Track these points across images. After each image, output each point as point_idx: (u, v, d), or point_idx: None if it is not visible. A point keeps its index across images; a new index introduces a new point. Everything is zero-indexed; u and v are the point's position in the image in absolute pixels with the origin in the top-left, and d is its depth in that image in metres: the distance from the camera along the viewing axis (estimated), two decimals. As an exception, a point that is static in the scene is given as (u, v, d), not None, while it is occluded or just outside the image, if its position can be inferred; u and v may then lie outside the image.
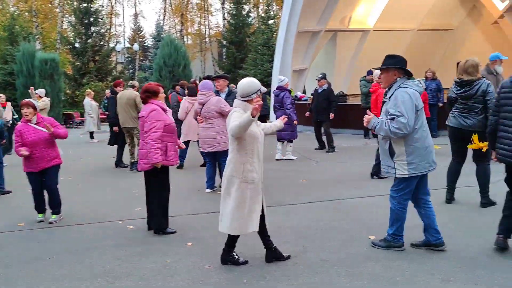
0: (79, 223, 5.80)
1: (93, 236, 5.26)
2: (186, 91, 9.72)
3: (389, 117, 4.09)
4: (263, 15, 32.19)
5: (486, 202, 5.69)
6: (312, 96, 15.84)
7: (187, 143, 9.18)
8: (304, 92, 19.02)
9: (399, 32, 19.38)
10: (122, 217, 5.97)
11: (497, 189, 5.56)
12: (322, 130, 11.55)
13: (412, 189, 4.29)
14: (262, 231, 4.23)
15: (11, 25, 27.06)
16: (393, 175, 4.27)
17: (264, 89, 4.16)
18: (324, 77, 11.20)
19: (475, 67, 5.56)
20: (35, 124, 5.69)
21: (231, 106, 4.98)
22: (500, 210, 4.45)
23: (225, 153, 6.92)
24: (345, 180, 7.59)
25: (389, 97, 4.20)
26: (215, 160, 7.13)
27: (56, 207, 5.89)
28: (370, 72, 12.55)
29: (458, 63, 13.45)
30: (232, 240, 4.23)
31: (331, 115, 10.83)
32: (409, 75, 4.26)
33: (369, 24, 18.94)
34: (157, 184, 5.26)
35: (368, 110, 4.42)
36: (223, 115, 6.75)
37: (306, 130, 14.72)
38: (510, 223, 4.30)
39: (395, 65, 4.21)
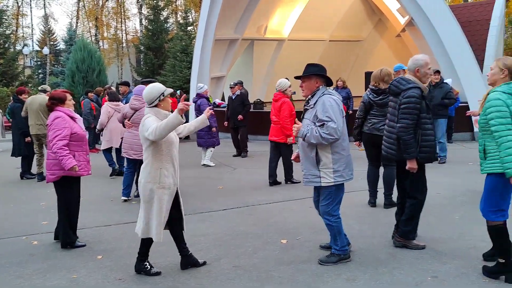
0: (-24, 241, 5.36)
1: (-8, 254, 4.89)
2: (107, 96, 9.43)
3: (318, 123, 4.08)
4: (181, 21, 31.94)
5: (389, 203, 6.09)
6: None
7: (110, 149, 8.86)
8: (222, 99, 19.13)
9: (312, 42, 20.17)
10: (26, 232, 5.59)
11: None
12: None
13: (342, 197, 4.30)
14: (178, 237, 4.22)
15: None
16: (318, 184, 4.20)
17: (170, 90, 4.12)
18: (238, 83, 11.45)
19: (390, 76, 5.96)
20: None
21: None
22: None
23: None
24: (260, 186, 7.74)
25: (314, 104, 4.17)
26: (135, 168, 6.96)
27: None
28: (286, 81, 12.95)
29: (366, 73, 14.38)
30: (144, 248, 4.16)
31: (240, 117, 11.03)
32: (329, 84, 4.31)
33: (284, 34, 19.52)
34: (65, 195, 5.02)
35: (296, 120, 4.36)
36: None
37: (225, 136, 14.81)
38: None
39: (318, 73, 4.23)
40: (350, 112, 12.07)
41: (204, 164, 9.97)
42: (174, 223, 4.19)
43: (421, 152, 4.37)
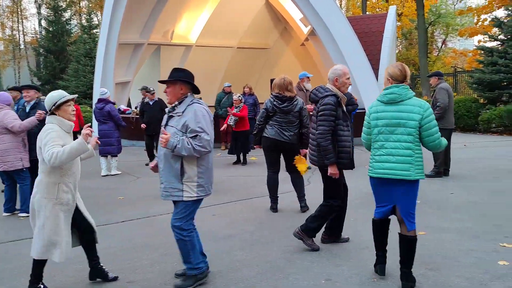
0: None
1: None
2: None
3: (189, 134, 3.78)
4: (85, 23, 30.46)
5: (305, 205, 6.22)
6: (135, 110, 15.50)
7: None
8: (129, 105, 18.47)
9: (220, 49, 20.23)
10: None
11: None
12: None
13: (196, 210, 4.00)
14: (89, 247, 3.99)
15: None
16: (180, 198, 3.86)
17: (66, 98, 3.80)
18: (143, 89, 11.19)
19: (292, 85, 6.09)
20: None
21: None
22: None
23: (18, 173, 6.28)
24: (163, 195, 7.51)
25: (182, 112, 3.85)
26: (12, 180, 6.45)
27: None
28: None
29: (271, 80, 14.67)
30: (38, 269, 3.80)
31: None
32: (196, 92, 4.01)
33: (191, 40, 19.34)
34: None
35: (163, 128, 3.97)
36: (12, 131, 6.18)
37: (130, 144, 14.31)
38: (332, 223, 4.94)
39: (183, 79, 3.92)
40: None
41: (105, 175, 9.51)
42: (85, 233, 3.96)
43: (339, 158, 4.52)
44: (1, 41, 41.71)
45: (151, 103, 10.85)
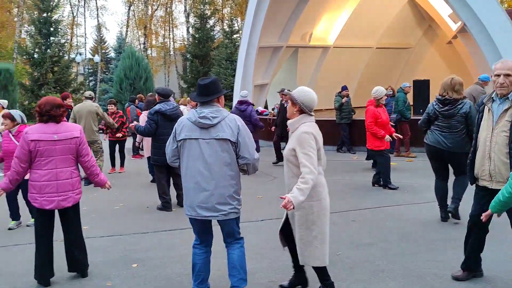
0: None
1: None
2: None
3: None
4: (227, 29, 32.30)
5: (452, 210, 5.61)
6: (273, 111, 15.90)
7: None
8: (265, 107, 19.05)
9: (358, 50, 19.76)
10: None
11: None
12: (283, 146, 11.59)
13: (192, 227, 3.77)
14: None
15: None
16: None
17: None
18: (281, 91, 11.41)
19: (462, 86, 5.52)
20: (13, 135, 5.76)
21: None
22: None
23: None
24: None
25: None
26: None
27: None
28: (344, 88, 12.70)
29: (414, 81, 13.79)
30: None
31: None
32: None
33: (329, 41, 19.21)
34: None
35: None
36: None
37: (267, 145, 14.69)
38: None
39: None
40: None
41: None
42: None
43: None
44: (154, 48, 46.25)
45: (285, 105, 11.03)
